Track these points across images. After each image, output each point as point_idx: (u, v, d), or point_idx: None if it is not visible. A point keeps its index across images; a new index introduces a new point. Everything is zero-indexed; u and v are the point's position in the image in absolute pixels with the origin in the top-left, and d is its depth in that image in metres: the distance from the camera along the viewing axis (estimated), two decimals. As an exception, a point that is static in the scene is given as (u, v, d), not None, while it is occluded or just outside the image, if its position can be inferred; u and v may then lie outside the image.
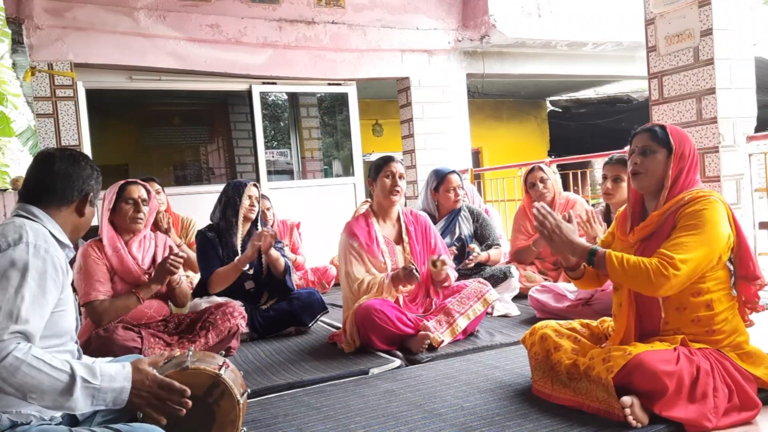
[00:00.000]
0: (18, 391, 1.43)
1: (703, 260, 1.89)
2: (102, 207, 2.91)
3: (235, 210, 3.57)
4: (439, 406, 2.16)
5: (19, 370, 1.41)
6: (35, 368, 1.43)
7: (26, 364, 1.42)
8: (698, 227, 1.90)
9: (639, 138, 2.09)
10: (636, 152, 2.07)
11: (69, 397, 1.46)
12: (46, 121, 4.90)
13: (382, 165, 3.18)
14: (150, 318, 2.98)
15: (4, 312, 1.46)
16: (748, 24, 3.66)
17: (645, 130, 2.09)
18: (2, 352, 1.42)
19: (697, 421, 1.78)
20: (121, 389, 1.53)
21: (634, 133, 2.14)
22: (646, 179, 2.05)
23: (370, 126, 10.03)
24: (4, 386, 1.42)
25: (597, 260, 1.97)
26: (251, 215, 3.63)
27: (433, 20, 6.46)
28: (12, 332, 1.45)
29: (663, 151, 2.04)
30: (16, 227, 1.58)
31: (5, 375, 1.41)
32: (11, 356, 1.42)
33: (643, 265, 1.88)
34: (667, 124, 2.10)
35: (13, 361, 1.41)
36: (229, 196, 3.61)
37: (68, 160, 1.75)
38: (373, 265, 3.09)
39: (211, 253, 3.51)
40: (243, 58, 5.65)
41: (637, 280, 1.90)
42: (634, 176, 2.08)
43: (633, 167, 2.08)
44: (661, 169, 2.04)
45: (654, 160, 2.04)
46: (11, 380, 1.41)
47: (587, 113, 11.47)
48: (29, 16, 4.81)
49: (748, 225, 3.67)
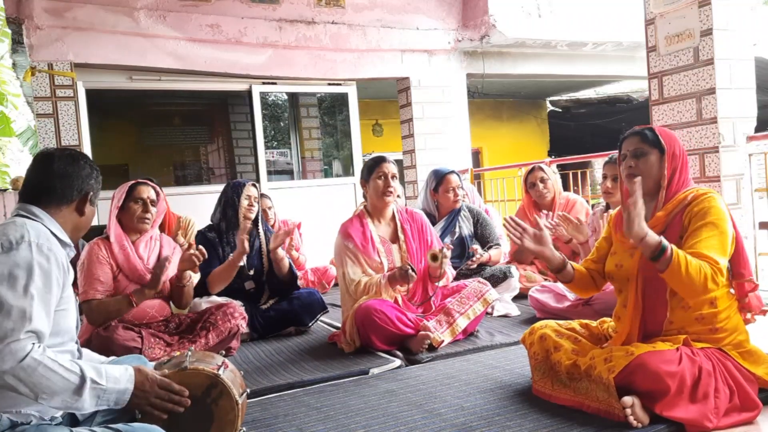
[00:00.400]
0: (32, 391, 1.45)
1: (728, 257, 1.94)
2: (111, 205, 2.96)
3: (235, 209, 3.58)
4: (439, 406, 2.16)
5: (36, 371, 1.44)
6: (50, 369, 1.46)
7: (43, 365, 1.45)
8: (717, 225, 1.93)
9: (629, 142, 2.10)
10: (629, 156, 2.08)
11: (78, 397, 1.49)
12: (46, 121, 4.90)
13: (373, 166, 3.17)
14: (151, 318, 2.99)
15: (17, 311, 1.47)
16: (748, 24, 3.66)
17: (634, 134, 2.11)
18: (21, 353, 1.43)
19: (698, 421, 1.78)
20: (124, 390, 1.57)
21: (623, 138, 2.14)
22: (642, 181, 2.05)
23: (370, 126, 10.03)
24: (20, 386, 1.44)
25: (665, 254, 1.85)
26: (250, 215, 3.63)
27: (433, 20, 6.46)
28: (27, 332, 1.46)
29: (655, 151, 2.05)
30: (17, 227, 1.58)
31: (23, 375, 1.43)
32: (30, 357, 1.44)
33: (704, 270, 1.84)
34: (654, 126, 2.11)
35: (31, 362, 1.44)
36: (228, 196, 3.62)
37: (67, 160, 1.75)
38: (369, 265, 3.09)
39: (211, 254, 3.51)
40: (243, 58, 5.65)
41: (693, 282, 1.85)
42: (629, 179, 2.06)
43: (628, 170, 2.07)
44: (656, 169, 2.05)
45: (648, 162, 2.05)
46: (28, 380, 1.43)
47: (587, 113, 11.47)
48: (29, 16, 4.81)
49: (748, 225, 3.66)
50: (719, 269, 1.86)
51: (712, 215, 1.94)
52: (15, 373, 1.42)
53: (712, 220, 1.93)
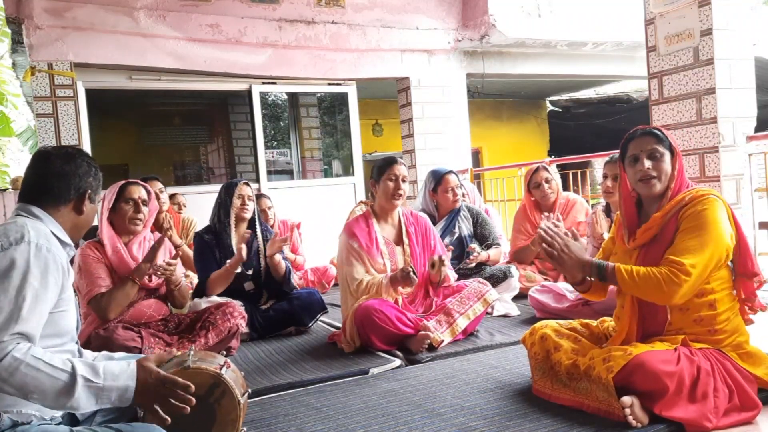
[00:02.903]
0: (19, 391, 1.43)
1: (710, 261, 1.90)
2: (101, 207, 2.88)
3: (227, 211, 3.54)
4: (439, 406, 2.16)
5: (18, 371, 1.41)
6: (34, 368, 1.42)
7: (25, 363, 1.42)
8: (702, 228, 1.90)
9: (642, 142, 2.04)
10: (644, 157, 2.02)
11: (70, 396, 1.45)
12: (46, 121, 4.90)
13: (385, 167, 3.15)
14: (149, 318, 2.97)
15: (6, 313, 1.46)
16: (748, 24, 3.66)
17: (647, 134, 2.05)
18: (0, 353, 1.41)
19: (697, 421, 1.78)
20: (126, 388, 1.51)
21: (629, 137, 2.09)
22: (659, 184, 2.02)
23: (370, 126, 10.03)
24: (4, 386, 1.42)
25: (608, 275, 1.97)
26: (244, 215, 3.58)
27: (433, 20, 6.46)
28: (12, 333, 1.45)
29: (667, 153, 2.04)
30: (18, 227, 1.58)
31: (4, 375, 1.41)
32: (9, 356, 1.41)
33: (654, 275, 1.87)
34: (658, 126, 2.10)
35: (11, 361, 1.41)
36: (222, 198, 3.59)
37: (63, 158, 1.73)
38: (372, 266, 3.09)
39: (208, 256, 3.49)
40: (243, 58, 5.65)
41: (650, 291, 1.90)
42: (646, 182, 2.02)
43: (643, 173, 2.01)
44: (670, 171, 2.03)
45: (664, 164, 2.02)
46: (10, 380, 1.41)
47: (587, 113, 11.48)
48: (29, 16, 4.81)
49: (748, 225, 3.67)
50: (681, 269, 1.85)
51: (701, 218, 1.91)
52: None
53: (699, 224, 1.91)
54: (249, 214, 3.60)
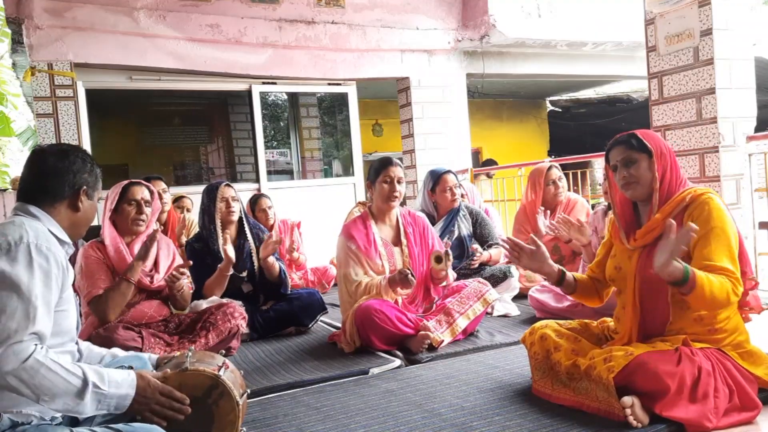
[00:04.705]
0: (33, 393, 1.44)
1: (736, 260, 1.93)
2: (104, 207, 2.87)
3: (211, 216, 3.47)
4: (439, 405, 2.15)
5: (38, 373, 1.43)
6: (53, 371, 1.44)
7: (45, 366, 1.43)
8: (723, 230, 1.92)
9: (616, 152, 2.11)
10: (620, 166, 2.08)
11: (80, 401, 1.48)
12: (46, 121, 4.90)
13: (380, 169, 3.14)
14: (150, 318, 2.97)
15: (21, 312, 1.46)
16: (748, 24, 3.66)
17: (618, 144, 2.11)
18: (23, 354, 1.42)
19: (697, 421, 1.78)
20: (125, 396, 1.55)
21: (608, 149, 2.15)
22: (639, 187, 2.06)
23: (370, 126, 10.02)
24: (22, 388, 1.43)
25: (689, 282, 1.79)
26: (231, 218, 3.50)
27: (433, 20, 6.46)
28: (30, 333, 1.45)
29: (644, 156, 2.05)
30: (16, 227, 1.57)
31: (26, 377, 1.42)
32: (32, 359, 1.43)
33: (725, 287, 1.83)
34: (635, 131, 2.11)
35: (34, 363, 1.43)
36: (205, 203, 3.51)
37: (57, 155, 1.72)
38: (371, 267, 3.08)
39: (200, 265, 3.41)
40: (243, 58, 5.65)
41: (717, 302, 1.84)
42: (627, 187, 2.08)
43: (623, 179, 2.07)
44: (649, 173, 2.05)
45: (640, 168, 2.05)
46: (30, 382, 1.42)
47: (587, 113, 11.47)
48: (29, 16, 4.81)
49: (748, 225, 3.66)
50: (737, 279, 1.86)
51: (715, 219, 1.93)
52: (18, 374, 1.41)
53: (717, 225, 1.92)
54: (236, 216, 3.53)
